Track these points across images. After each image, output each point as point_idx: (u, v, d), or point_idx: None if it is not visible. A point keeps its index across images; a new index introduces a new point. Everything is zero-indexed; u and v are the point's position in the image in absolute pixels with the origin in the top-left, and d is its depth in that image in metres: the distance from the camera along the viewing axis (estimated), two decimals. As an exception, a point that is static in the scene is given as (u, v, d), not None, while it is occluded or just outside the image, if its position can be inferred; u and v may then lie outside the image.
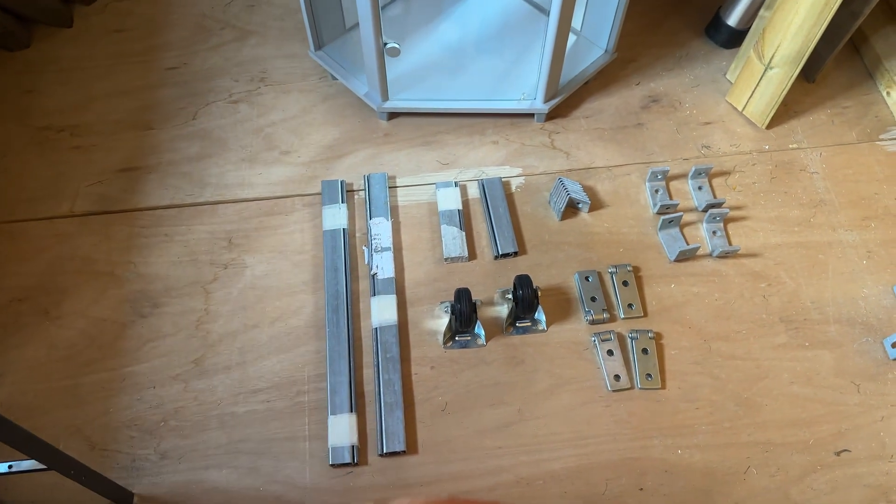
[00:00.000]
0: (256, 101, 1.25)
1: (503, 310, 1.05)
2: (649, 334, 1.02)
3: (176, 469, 0.93)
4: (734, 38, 1.30)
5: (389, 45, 1.07)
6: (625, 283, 1.06)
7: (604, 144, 1.21)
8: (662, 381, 0.99)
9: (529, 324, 1.03)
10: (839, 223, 1.13)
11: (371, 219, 1.11)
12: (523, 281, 1.00)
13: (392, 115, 1.23)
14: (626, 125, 1.23)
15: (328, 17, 1.20)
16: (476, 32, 1.29)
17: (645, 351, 1.01)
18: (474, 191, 1.16)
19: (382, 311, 1.03)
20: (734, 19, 1.28)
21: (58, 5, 1.30)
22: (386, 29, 1.07)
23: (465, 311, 0.98)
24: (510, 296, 1.01)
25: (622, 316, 1.04)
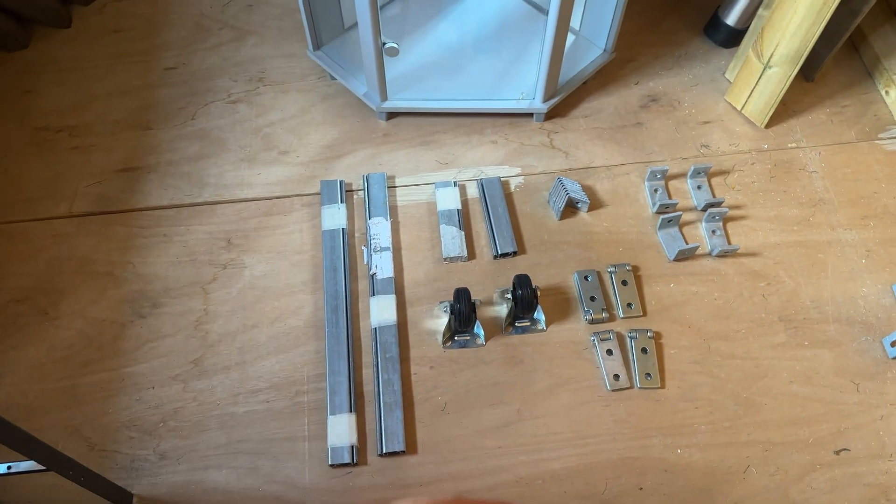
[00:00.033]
0: (255, 101, 1.25)
1: (502, 309, 1.05)
2: (648, 334, 1.02)
3: (175, 469, 0.93)
4: (733, 37, 1.30)
5: (388, 45, 1.07)
6: (624, 283, 1.06)
7: (603, 144, 1.21)
8: (662, 380, 0.99)
9: (529, 323, 1.03)
10: (838, 222, 1.13)
11: (370, 219, 1.11)
12: (522, 280, 1.00)
13: (391, 115, 1.23)
14: (625, 124, 1.23)
15: (327, 16, 1.20)
16: (475, 32, 1.29)
17: (644, 350, 1.01)
18: (473, 190, 1.16)
19: (382, 310, 1.03)
20: (733, 18, 1.28)
21: (56, 6, 1.30)
22: (385, 29, 1.07)
23: (464, 311, 0.98)
24: (509, 295, 1.01)
25: (621, 315, 1.04)
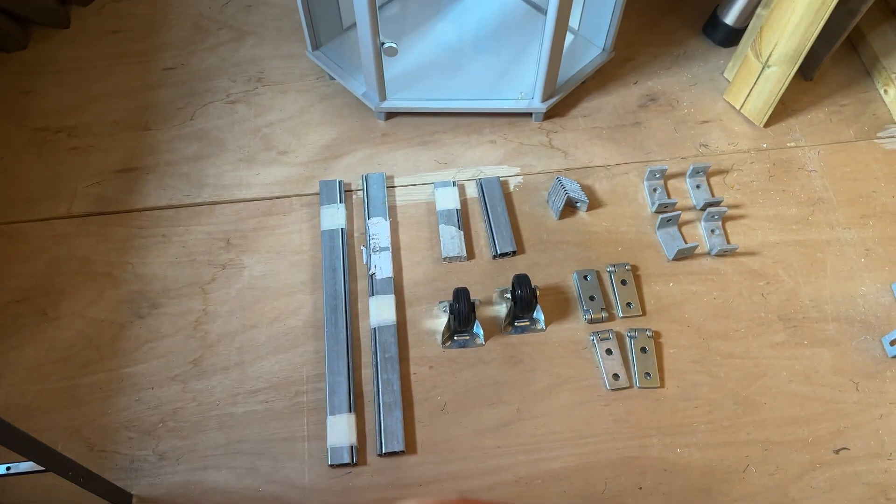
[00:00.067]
0: (254, 102, 1.25)
1: (502, 309, 1.05)
2: (648, 333, 1.02)
3: (175, 470, 0.93)
4: (732, 36, 1.30)
5: (387, 45, 1.07)
6: (623, 282, 1.06)
7: (602, 143, 1.21)
8: (661, 379, 0.99)
9: (528, 323, 1.03)
10: (837, 221, 1.13)
11: (369, 218, 1.11)
12: (522, 280, 1.00)
13: (390, 115, 1.23)
14: (624, 124, 1.23)
15: (325, 16, 1.20)
16: (473, 32, 1.29)
17: (643, 350, 1.01)
18: (472, 190, 1.16)
19: (381, 310, 1.03)
20: (732, 18, 1.29)
21: (55, 6, 1.30)
22: (383, 28, 1.07)
23: (463, 311, 0.98)
24: (509, 295, 1.01)
25: (621, 315, 1.04)
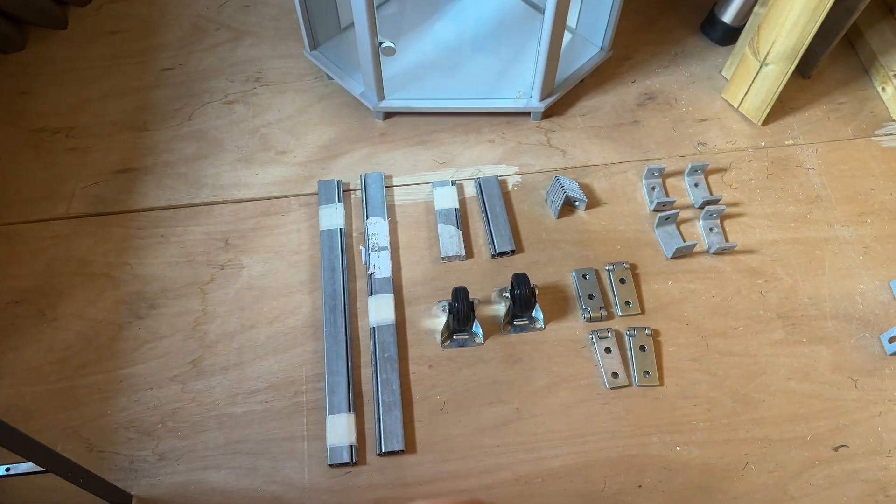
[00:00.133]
0: (252, 102, 1.25)
1: (501, 308, 1.05)
2: (647, 331, 1.02)
3: (174, 470, 0.93)
4: (729, 34, 1.30)
5: (385, 45, 1.07)
6: (622, 281, 1.06)
7: (600, 142, 1.21)
8: (660, 378, 0.99)
9: (527, 322, 1.03)
10: (835, 219, 1.13)
11: (368, 218, 1.11)
12: (520, 279, 1.00)
13: (388, 115, 1.23)
14: (623, 123, 1.23)
15: (323, 16, 1.20)
16: (471, 31, 1.29)
17: (642, 348, 1.01)
18: (471, 189, 1.16)
19: (380, 310, 1.03)
20: (729, 16, 1.29)
21: (52, 7, 1.30)
22: (381, 28, 1.07)
23: (462, 310, 0.98)
24: (507, 294, 1.01)
25: (619, 313, 1.04)
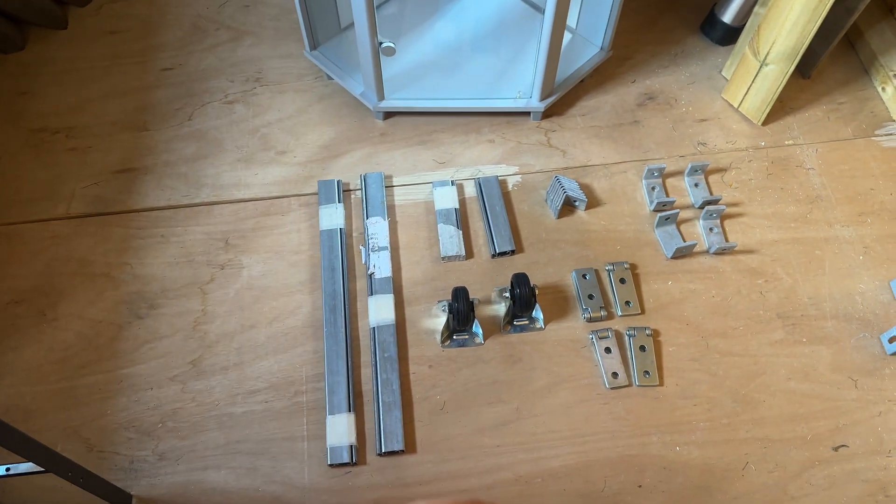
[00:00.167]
0: (252, 102, 1.25)
1: (500, 308, 1.05)
2: (647, 331, 1.02)
3: (174, 470, 0.93)
4: (729, 34, 1.30)
5: (385, 45, 1.07)
6: (622, 281, 1.06)
7: (600, 142, 1.21)
8: (660, 378, 0.99)
9: (527, 322, 1.03)
10: (835, 219, 1.13)
11: (368, 218, 1.11)
12: (520, 279, 1.00)
13: (388, 115, 1.23)
14: (623, 123, 1.23)
15: (323, 16, 1.20)
16: (471, 31, 1.29)
17: (642, 348, 1.01)
18: (471, 189, 1.16)
19: (380, 310, 1.03)
20: (729, 16, 1.29)
21: (52, 7, 1.30)
22: (381, 28, 1.07)
23: (462, 310, 0.98)
24: (507, 294, 1.01)
25: (619, 313, 1.04)
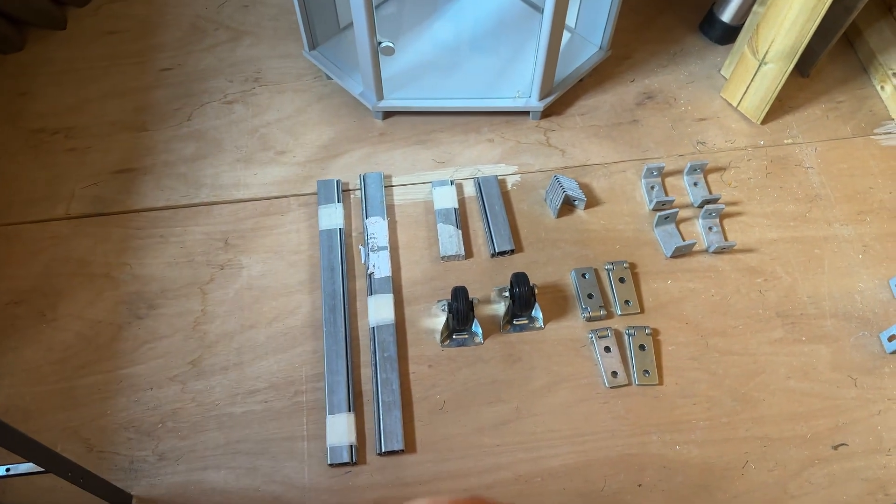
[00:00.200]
0: (251, 102, 1.25)
1: (500, 308, 1.05)
2: (646, 330, 1.02)
3: (174, 470, 0.93)
4: (728, 34, 1.30)
5: (384, 44, 1.07)
6: (621, 280, 1.06)
7: (599, 141, 1.21)
8: (660, 377, 0.99)
9: (526, 321, 1.03)
10: (835, 218, 1.13)
11: (367, 218, 1.11)
12: (520, 279, 1.00)
13: (387, 115, 1.23)
14: (622, 122, 1.23)
15: (322, 16, 1.20)
16: (470, 31, 1.29)
17: (642, 347, 1.01)
18: (470, 189, 1.16)
19: (379, 310, 1.03)
20: (728, 15, 1.29)
21: (51, 7, 1.30)
22: (380, 28, 1.07)
23: (462, 310, 0.98)
24: (507, 293, 1.01)
25: (619, 312, 1.04)
